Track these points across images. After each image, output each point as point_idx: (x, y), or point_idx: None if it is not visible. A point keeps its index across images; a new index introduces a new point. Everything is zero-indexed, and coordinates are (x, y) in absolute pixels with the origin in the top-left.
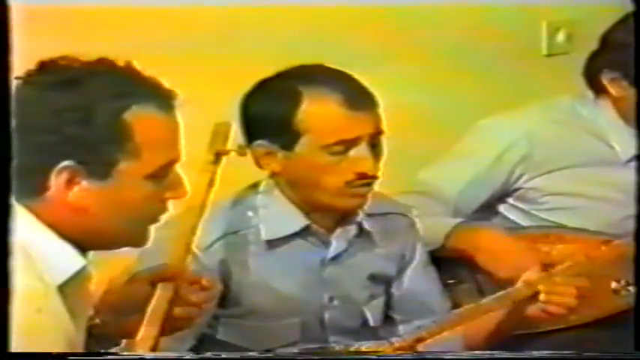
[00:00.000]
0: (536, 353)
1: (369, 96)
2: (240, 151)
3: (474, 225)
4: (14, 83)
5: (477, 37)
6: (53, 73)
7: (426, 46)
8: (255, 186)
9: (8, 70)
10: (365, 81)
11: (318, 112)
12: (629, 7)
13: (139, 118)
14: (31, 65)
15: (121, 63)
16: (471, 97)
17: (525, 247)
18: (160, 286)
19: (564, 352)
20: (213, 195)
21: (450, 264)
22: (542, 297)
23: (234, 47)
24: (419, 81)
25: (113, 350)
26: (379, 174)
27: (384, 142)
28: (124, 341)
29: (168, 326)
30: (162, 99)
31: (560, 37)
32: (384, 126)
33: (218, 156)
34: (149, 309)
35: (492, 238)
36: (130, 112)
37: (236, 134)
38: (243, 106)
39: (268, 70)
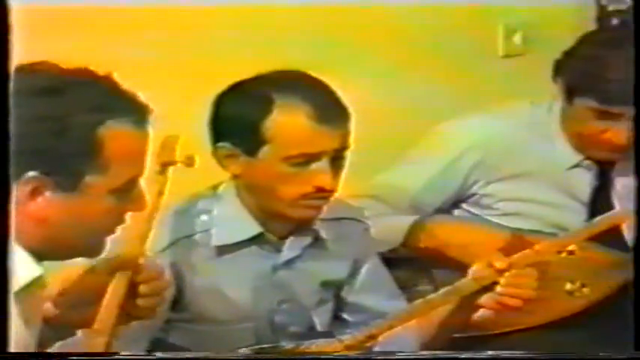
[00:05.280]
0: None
1: (342, 110)
2: (188, 162)
3: (435, 218)
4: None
5: (434, 38)
6: (32, 79)
7: (382, 47)
8: (215, 187)
9: (8, 70)
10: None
11: (285, 123)
12: (586, 11)
13: (112, 133)
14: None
15: (101, 73)
16: (428, 98)
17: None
18: (116, 276)
19: (537, 352)
20: (161, 205)
21: (406, 266)
22: (498, 289)
23: (208, 50)
24: (374, 83)
25: (68, 340)
26: (338, 188)
27: (348, 156)
28: (79, 331)
29: (126, 316)
30: (138, 114)
31: (517, 38)
32: (351, 141)
33: (165, 166)
34: (105, 299)
35: (457, 225)
36: (105, 127)
37: (184, 144)
38: (215, 105)
39: (242, 74)
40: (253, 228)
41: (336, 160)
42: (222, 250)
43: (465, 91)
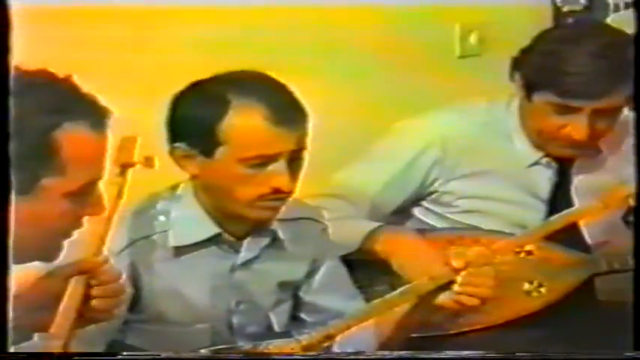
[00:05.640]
0: (465, 353)
1: (299, 111)
2: (148, 163)
3: (391, 229)
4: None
5: (392, 38)
6: None
7: (341, 46)
8: (173, 188)
9: (8, 70)
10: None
11: (242, 125)
12: (541, 11)
13: (69, 136)
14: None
15: (60, 76)
16: (387, 98)
17: (438, 251)
18: (73, 280)
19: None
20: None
21: (366, 267)
22: (456, 288)
23: (167, 51)
24: (332, 82)
25: (23, 344)
26: (295, 189)
27: (306, 156)
28: (36, 335)
29: (84, 319)
30: (96, 117)
31: (473, 39)
32: (309, 142)
33: (124, 168)
34: (62, 302)
35: (406, 242)
36: (61, 129)
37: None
38: (172, 105)
39: (201, 75)
40: (211, 229)
41: (294, 161)
42: (180, 251)
43: (423, 91)
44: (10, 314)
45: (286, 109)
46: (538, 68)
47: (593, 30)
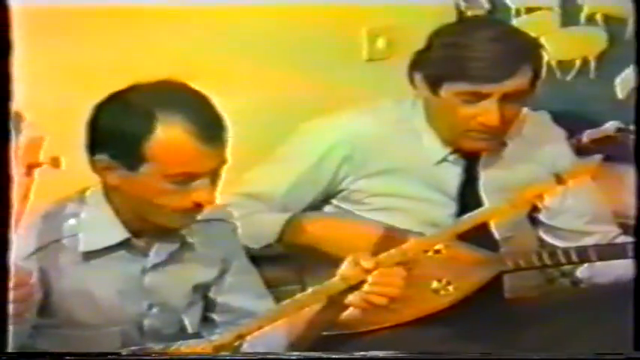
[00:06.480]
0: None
1: (222, 126)
2: (54, 163)
3: (310, 214)
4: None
5: (299, 40)
6: None
7: (248, 47)
8: (83, 191)
9: (8, 69)
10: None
11: (169, 143)
12: (446, 16)
13: None
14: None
15: None
16: (294, 99)
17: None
18: None
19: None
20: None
21: (275, 265)
22: (365, 287)
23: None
24: (241, 83)
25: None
26: (215, 200)
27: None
28: None
29: None
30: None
31: (380, 43)
32: (228, 155)
33: (30, 169)
34: None
35: (333, 222)
36: None
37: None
38: (93, 115)
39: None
40: (121, 234)
41: (215, 175)
42: (90, 255)
43: (332, 93)
44: None
45: (212, 126)
46: (442, 61)
47: (486, 21)
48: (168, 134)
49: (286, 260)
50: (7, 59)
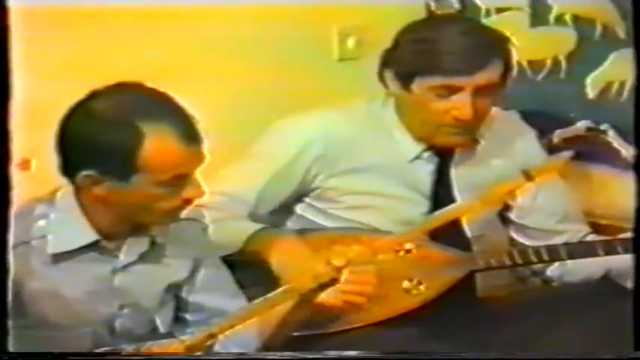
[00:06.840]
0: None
1: (197, 122)
2: (24, 166)
3: (271, 231)
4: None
5: (270, 40)
6: None
7: (219, 46)
8: (54, 192)
9: (8, 71)
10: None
11: (159, 151)
12: (417, 15)
13: None
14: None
15: None
16: (266, 99)
17: (319, 251)
18: None
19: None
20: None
21: (247, 267)
22: (339, 286)
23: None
24: (213, 82)
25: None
26: (205, 193)
27: None
28: None
29: None
30: None
31: (351, 42)
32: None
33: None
34: None
35: (286, 244)
36: None
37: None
38: (62, 130)
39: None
40: (90, 235)
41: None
42: (60, 257)
43: (304, 93)
44: None
45: (190, 125)
46: (412, 56)
47: (454, 17)
48: (157, 143)
49: (256, 262)
50: (7, 59)
